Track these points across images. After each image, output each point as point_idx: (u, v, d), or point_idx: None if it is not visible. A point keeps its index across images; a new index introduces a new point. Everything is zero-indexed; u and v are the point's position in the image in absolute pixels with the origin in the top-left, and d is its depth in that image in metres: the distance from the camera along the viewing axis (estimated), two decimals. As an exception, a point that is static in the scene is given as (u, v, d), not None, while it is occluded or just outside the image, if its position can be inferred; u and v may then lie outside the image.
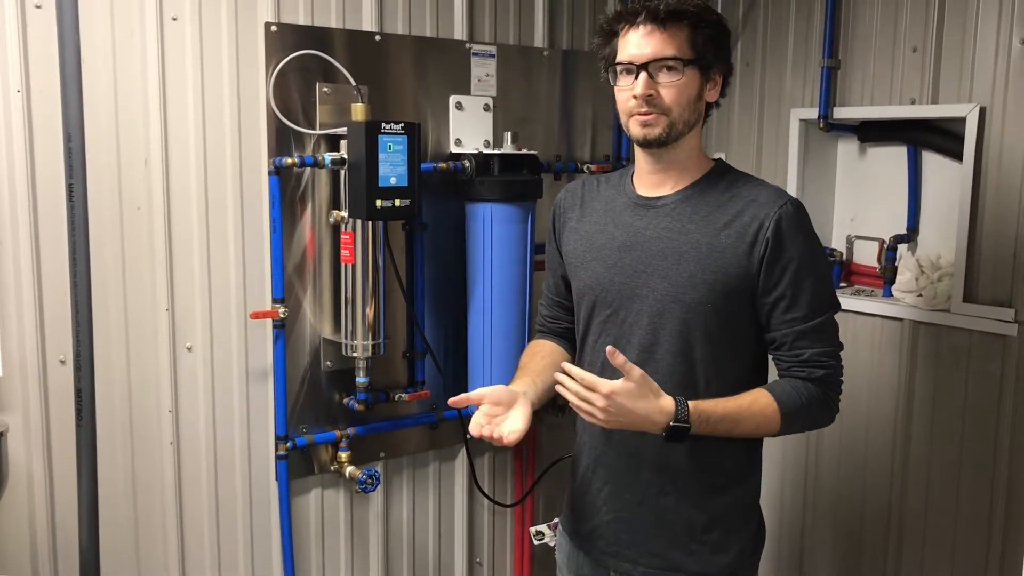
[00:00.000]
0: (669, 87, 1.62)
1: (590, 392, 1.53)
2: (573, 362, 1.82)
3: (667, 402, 1.56)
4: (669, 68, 1.62)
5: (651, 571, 1.74)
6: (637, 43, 1.62)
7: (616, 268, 1.71)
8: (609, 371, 1.59)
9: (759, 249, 1.61)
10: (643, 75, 1.61)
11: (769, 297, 1.63)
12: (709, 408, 1.58)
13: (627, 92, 1.64)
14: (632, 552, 1.76)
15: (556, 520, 1.97)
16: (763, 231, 1.60)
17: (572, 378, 1.56)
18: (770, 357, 1.75)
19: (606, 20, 1.70)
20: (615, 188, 1.80)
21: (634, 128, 1.66)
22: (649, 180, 1.74)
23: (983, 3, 2.29)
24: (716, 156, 1.80)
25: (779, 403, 1.62)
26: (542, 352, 1.88)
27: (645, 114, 1.62)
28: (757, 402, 1.62)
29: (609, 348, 1.52)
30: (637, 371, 1.53)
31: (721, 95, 1.72)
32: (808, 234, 1.64)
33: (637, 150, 1.74)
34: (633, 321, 1.70)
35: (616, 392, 1.52)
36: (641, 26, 1.62)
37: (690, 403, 1.58)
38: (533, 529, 2.18)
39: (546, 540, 2.12)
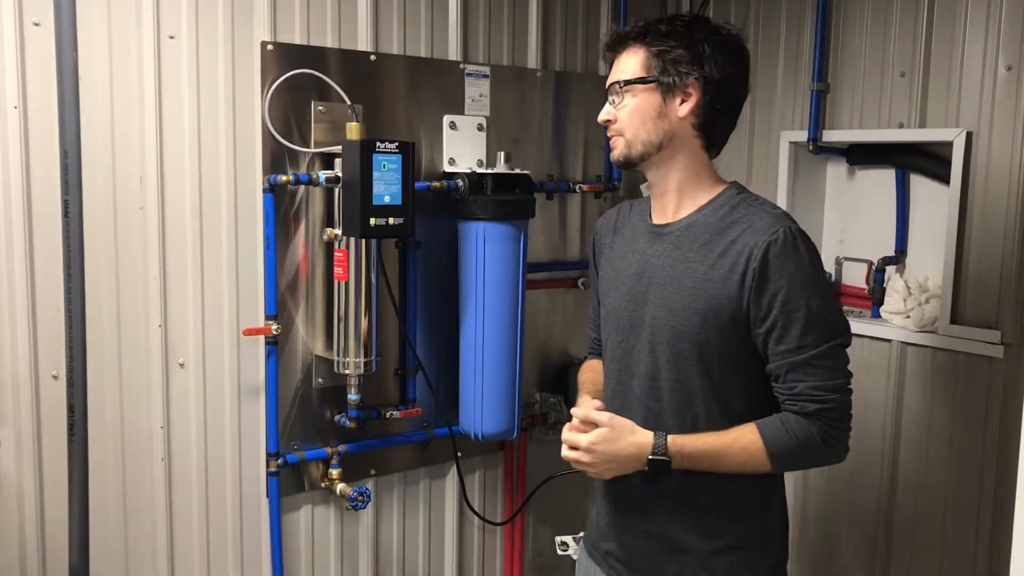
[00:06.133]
0: (620, 109, 1.66)
1: (577, 451, 1.62)
2: None
3: (645, 438, 1.60)
4: (619, 92, 1.66)
5: None
6: (608, 71, 1.70)
7: (628, 295, 1.71)
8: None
9: (748, 279, 1.55)
10: (607, 102, 1.69)
11: (761, 328, 1.57)
12: (689, 443, 1.59)
13: None
14: None
15: (582, 533, 1.98)
16: (752, 260, 1.55)
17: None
18: None
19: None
20: (639, 214, 1.79)
21: None
22: (657, 205, 1.73)
23: (969, 30, 2.33)
24: (735, 180, 1.76)
25: (765, 441, 1.57)
26: (594, 367, 1.93)
27: (610, 138, 1.70)
28: (741, 439, 1.59)
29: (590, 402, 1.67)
30: (604, 415, 1.62)
31: (723, 109, 1.65)
32: (799, 263, 1.55)
33: None
34: (639, 349, 1.69)
35: (594, 443, 1.60)
36: (607, 53, 1.71)
37: (669, 437, 1.59)
38: (558, 539, 2.17)
39: (569, 552, 2.10)
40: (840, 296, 2.81)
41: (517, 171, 2.50)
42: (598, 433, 1.60)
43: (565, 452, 1.64)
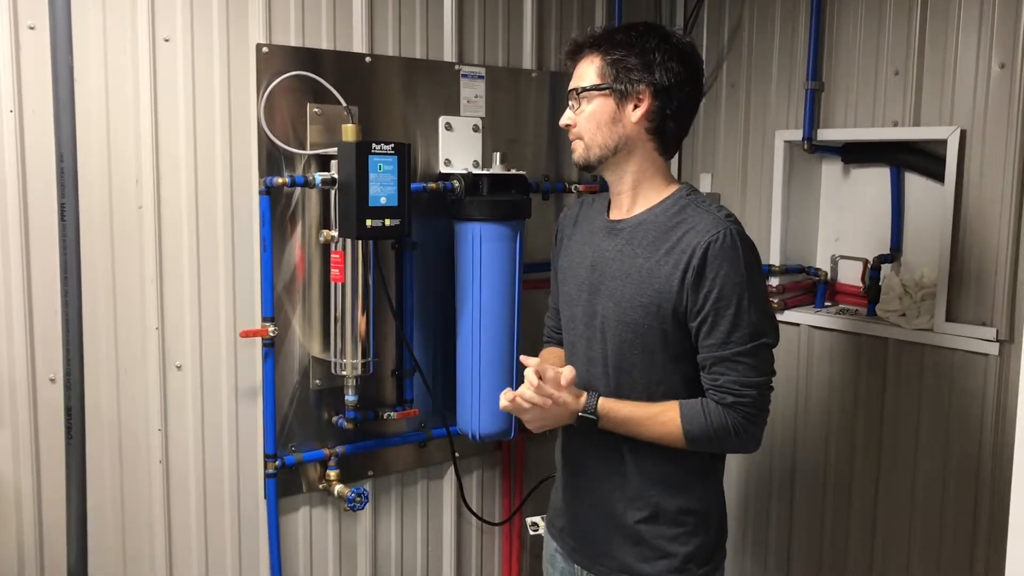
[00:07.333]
0: (579, 114, 1.75)
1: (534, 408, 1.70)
2: None
3: (582, 398, 1.72)
4: (577, 98, 1.75)
5: (606, 571, 1.81)
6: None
7: (583, 286, 1.82)
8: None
9: (689, 276, 1.64)
10: (568, 107, 1.78)
11: (694, 321, 1.67)
12: (616, 409, 1.71)
13: None
14: (589, 551, 1.85)
15: None
16: (693, 258, 1.64)
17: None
18: None
19: None
20: (598, 210, 1.88)
21: None
22: (615, 203, 1.83)
23: (963, 28, 2.33)
24: (686, 181, 1.83)
25: (683, 421, 1.68)
26: (557, 354, 2.01)
27: (571, 141, 1.79)
28: (663, 415, 1.69)
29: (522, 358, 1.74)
30: (550, 371, 1.68)
31: (673, 114, 1.72)
32: (735, 263, 1.64)
33: None
34: (591, 336, 1.80)
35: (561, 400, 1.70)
36: (567, 61, 1.80)
37: (600, 399, 1.72)
38: (528, 520, 2.26)
39: (540, 531, 2.20)
40: (836, 295, 2.82)
41: (513, 171, 2.51)
42: (557, 395, 1.70)
43: (529, 398, 1.67)
